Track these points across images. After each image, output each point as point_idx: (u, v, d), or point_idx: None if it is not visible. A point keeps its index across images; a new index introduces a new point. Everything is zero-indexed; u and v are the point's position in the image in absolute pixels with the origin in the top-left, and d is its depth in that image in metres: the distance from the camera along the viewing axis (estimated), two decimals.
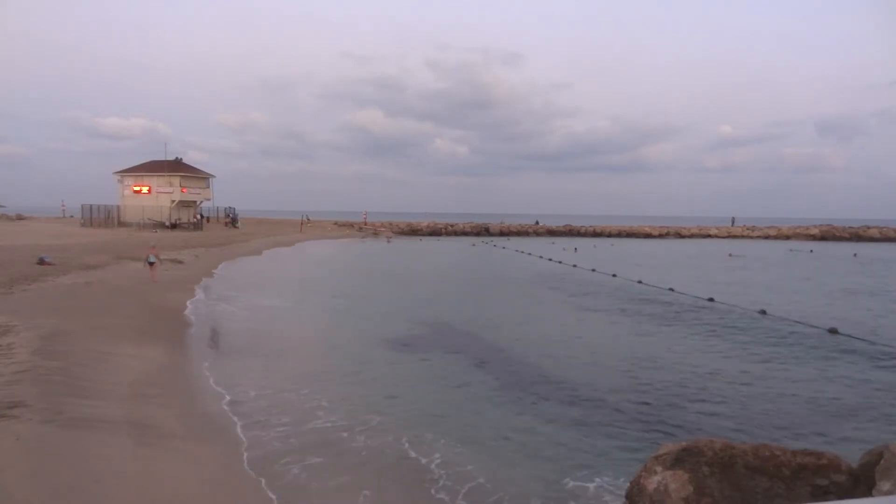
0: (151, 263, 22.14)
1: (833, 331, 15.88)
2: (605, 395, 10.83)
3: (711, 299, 21.39)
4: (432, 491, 7.00)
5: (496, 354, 13.88)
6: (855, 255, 46.13)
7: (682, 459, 5.54)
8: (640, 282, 26.63)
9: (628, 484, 6.16)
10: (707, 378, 11.89)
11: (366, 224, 79.76)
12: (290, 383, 11.00)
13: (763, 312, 18.64)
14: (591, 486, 7.15)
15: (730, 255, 47.46)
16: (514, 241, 61.89)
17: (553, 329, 17.00)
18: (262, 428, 8.64)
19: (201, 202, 64.20)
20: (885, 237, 72.23)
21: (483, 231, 75.64)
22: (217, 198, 67.26)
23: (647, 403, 10.33)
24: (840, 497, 5.13)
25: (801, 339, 15.43)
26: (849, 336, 15.40)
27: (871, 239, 71.95)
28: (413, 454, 7.99)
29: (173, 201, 58.32)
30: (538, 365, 12.91)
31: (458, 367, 12.75)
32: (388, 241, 60.98)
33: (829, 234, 73.70)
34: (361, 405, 9.97)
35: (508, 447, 8.38)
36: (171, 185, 59.08)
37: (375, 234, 71.68)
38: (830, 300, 22.85)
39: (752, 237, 74.20)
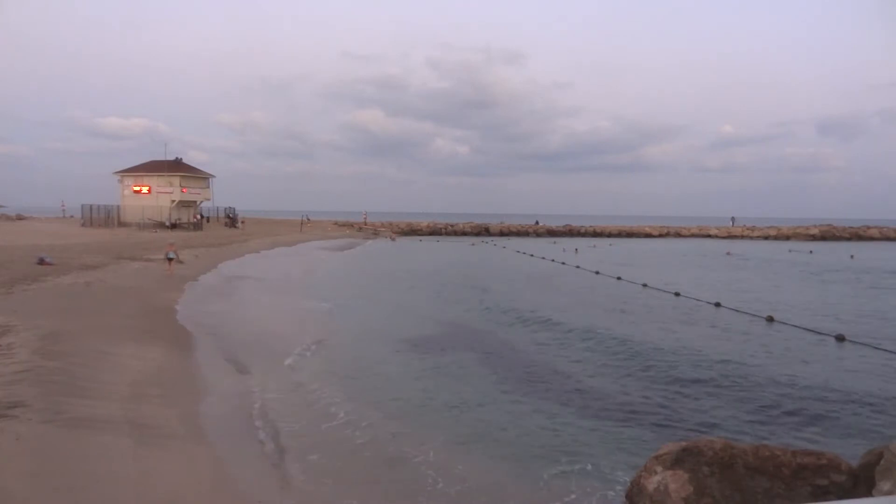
0: (170, 259, 24.18)
1: (840, 337, 15.84)
2: (604, 394, 10.84)
3: (718, 304, 21.37)
4: (424, 489, 7.00)
5: (498, 354, 13.89)
6: (852, 256, 45.93)
7: (682, 459, 5.54)
8: (645, 285, 26.58)
9: (628, 484, 6.17)
10: (709, 379, 11.88)
11: (366, 224, 79.80)
12: (289, 381, 11.01)
13: (770, 319, 18.60)
14: (591, 485, 7.15)
15: (728, 252, 47.87)
16: (514, 242, 61.88)
17: (554, 330, 16.99)
18: (263, 426, 8.64)
19: (201, 202, 64.20)
20: (885, 237, 72.27)
21: (483, 231, 75.69)
22: (217, 198, 67.34)
23: (647, 403, 10.33)
24: (840, 497, 5.13)
25: (808, 345, 15.36)
26: (855, 342, 15.37)
27: (871, 239, 71.98)
28: (407, 451, 8.00)
29: (173, 201, 58.28)
30: (539, 365, 12.92)
31: (459, 364, 12.76)
32: (394, 241, 61.07)
33: (829, 234, 73.69)
34: (367, 403, 9.99)
35: (506, 446, 8.37)
36: (171, 185, 59.05)
37: (375, 233, 71.70)
38: (835, 303, 22.78)
39: (752, 237, 74.22)
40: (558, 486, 7.15)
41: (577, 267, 34.45)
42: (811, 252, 50.30)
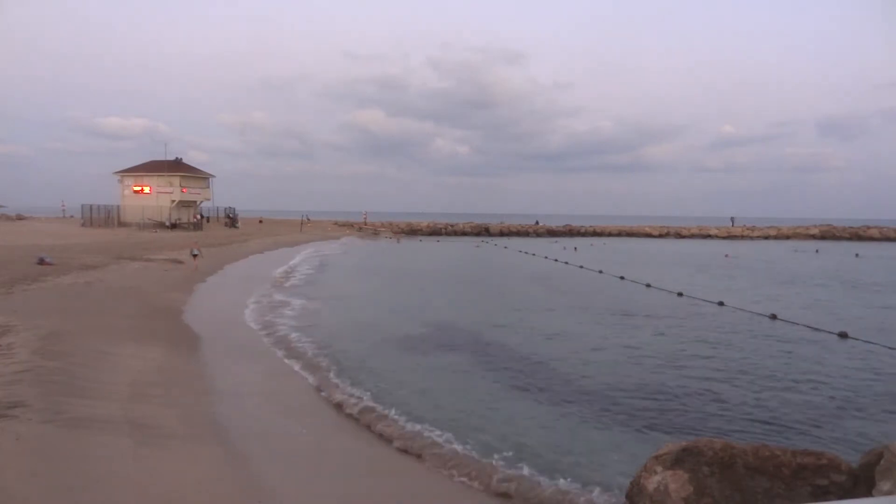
0: (195, 255, 26.31)
1: (843, 334, 15.83)
2: (605, 394, 10.82)
3: (721, 303, 21.38)
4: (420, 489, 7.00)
5: (500, 352, 13.88)
6: (857, 255, 45.84)
7: (682, 459, 5.54)
8: (648, 285, 26.53)
9: (628, 484, 6.16)
10: (710, 378, 11.88)
11: (366, 224, 79.86)
12: (292, 381, 11.00)
13: (773, 317, 18.59)
14: (591, 485, 7.14)
15: (727, 255, 46.36)
16: (515, 242, 61.95)
17: (559, 328, 16.96)
18: (263, 425, 8.64)
19: (201, 202, 64.24)
20: (885, 237, 72.22)
21: (483, 231, 75.66)
22: (217, 198, 67.44)
23: (647, 403, 10.31)
24: (840, 497, 5.13)
25: (809, 342, 15.35)
26: (858, 339, 15.35)
27: (871, 239, 71.93)
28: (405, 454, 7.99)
29: (173, 201, 58.33)
30: (540, 363, 12.89)
31: (461, 362, 12.75)
32: (398, 242, 61.02)
33: (828, 234, 73.74)
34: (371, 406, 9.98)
35: (505, 445, 8.36)
36: (171, 185, 59.11)
37: (376, 233, 71.74)
38: (838, 302, 22.74)
39: (752, 237, 74.15)
40: (558, 485, 7.15)
41: (581, 267, 34.54)
42: (817, 251, 49.93)
